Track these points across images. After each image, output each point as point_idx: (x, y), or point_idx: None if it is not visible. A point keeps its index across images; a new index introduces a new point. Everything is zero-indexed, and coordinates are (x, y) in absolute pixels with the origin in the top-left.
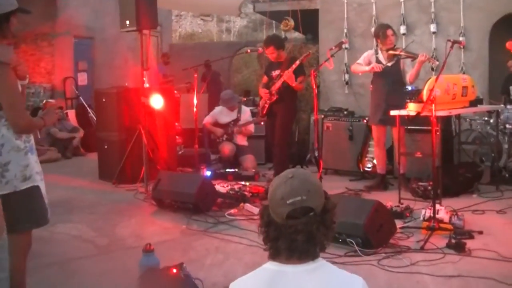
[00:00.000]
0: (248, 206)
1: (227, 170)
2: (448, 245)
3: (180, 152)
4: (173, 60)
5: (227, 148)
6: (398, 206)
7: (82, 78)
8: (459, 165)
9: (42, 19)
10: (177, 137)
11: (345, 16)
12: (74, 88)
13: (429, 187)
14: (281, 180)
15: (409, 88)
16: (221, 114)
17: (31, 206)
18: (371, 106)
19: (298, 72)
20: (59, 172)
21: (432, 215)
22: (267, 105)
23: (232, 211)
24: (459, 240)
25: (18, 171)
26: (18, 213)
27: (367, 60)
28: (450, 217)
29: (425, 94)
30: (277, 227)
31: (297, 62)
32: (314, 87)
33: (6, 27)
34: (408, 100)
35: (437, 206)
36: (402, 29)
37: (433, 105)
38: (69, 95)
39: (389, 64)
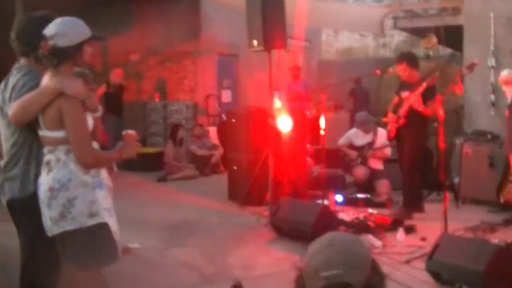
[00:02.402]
0: (370, 237)
1: (358, 195)
2: None
3: (314, 174)
4: (322, 77)
5: (360, 173)
6: None
7: (226, 96)
8: None
9: (186, 37)
10: (308, 159)
11: (492, 32)
12: (217, 105)
13: None
14: (317, 248)
15: None
16: (356, 136)
17: (97, 244)
18: (507, 132)
19: (428, 95)
20: (193, 191)
21: None
22: (394, 129)
23: None
24: None
25: (84, 207)
26: (84, 251)
27: None
28: None
29: None
30: None
31: (424, 85)
32: (441, 113)
33: (79, 56)
34: None
35: None
36: None
37: None
38: (211, 112)
39: None
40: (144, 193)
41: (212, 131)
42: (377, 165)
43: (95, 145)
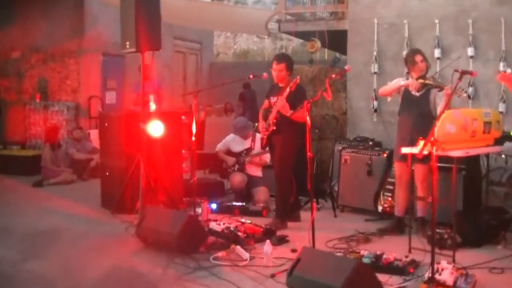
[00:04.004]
0: (238, 249)
1: (234, 203)
2: None
3: (191, 181)
4: (213, 80)
5: (236, 179)
6: (400, 260)
7: (110, 97)
8: (483, 210)
9: (70, 36)
10: (184, 165)
11: (375, 37)
12: (100, 107)
13: (446, 236)
14: None
15: None
16: (234, 142)
17: None
18: (396, 140)
19: (295, 100)
20: (67, 196)
21: (433, 275)
22: (265, 137)
23: (220, 254)
24: None
25: None
26: None
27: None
28: (456, 279)
29: (436, 130)
30: None
31: (288, 90)
32: (308, 120)
33: None
34: None
35: (443, 264)
36: (437, 53)
37: (434, 147)
38: (93, 114)
39: (417, 94)
40: (16, 198)
41: (94, 134)
42: (256, 171)
43: None
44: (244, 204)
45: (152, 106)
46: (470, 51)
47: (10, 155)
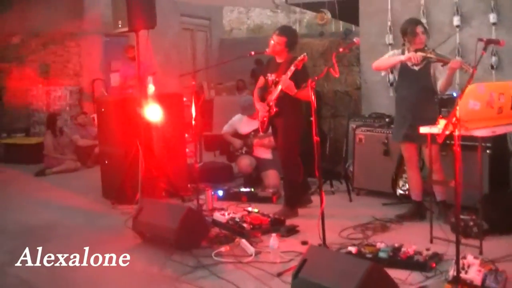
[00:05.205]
0: (243, 243)
1: (241, 189)
2: None
3: (200, 165)
4: (224, 56)
5: (244, 163)
6: (421, 254)
7: (115, 79)
8: None
9: (69, 17)
10: (187, 150)
11: (389, 6)
12: (103, 90)
13: (471, 223)
14: None
15: (445, 95)
16: (241, 122)
17: None
18: (395, 119)
19: (300, 77)
20: (68, 186)
21: (458, 274)
22: (266, 119)
23: (223, 248)
24: None
25: None
26: None
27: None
28: (485, 277)
29: (458, 108)
30: None
31: (292, 69)
32: (313, 99)
33: None
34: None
35: (469, 259)
36: (456, 20)
37: (456, 129)
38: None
39: (416, 68)
40: (15, 190)
41: None
42: (265, 154)
43: None
44: (252, 190)
45: (151, 89)
46: (492, 17)
47: (14, 143)
